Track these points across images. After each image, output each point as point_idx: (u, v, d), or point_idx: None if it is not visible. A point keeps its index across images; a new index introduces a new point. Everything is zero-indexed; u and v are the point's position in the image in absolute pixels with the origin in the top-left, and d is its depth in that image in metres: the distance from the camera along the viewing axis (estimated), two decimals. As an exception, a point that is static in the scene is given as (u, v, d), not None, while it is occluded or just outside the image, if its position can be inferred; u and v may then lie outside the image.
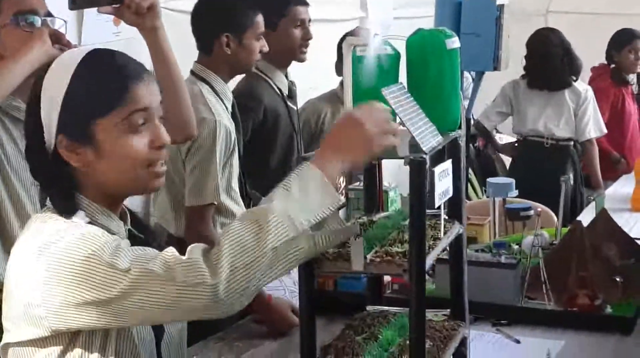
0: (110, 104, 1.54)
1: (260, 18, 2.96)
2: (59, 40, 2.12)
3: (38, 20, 2.19)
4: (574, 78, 5.13)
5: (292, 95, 3.50)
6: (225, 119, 2.80)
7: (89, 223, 1.55)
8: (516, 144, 5.42)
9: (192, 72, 2.92)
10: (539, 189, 4.36)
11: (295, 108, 3.49)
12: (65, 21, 2.22)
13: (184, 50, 2.97)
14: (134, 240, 1.65)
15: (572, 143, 5.20)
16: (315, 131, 3.69)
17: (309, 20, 3.48)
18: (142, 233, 1.70)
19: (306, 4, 3.49)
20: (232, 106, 2.97)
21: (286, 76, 3.49)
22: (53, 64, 1.59)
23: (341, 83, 3.78)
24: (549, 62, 5.07)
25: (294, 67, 3.62)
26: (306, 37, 3.44)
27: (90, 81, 1.55)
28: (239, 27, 2.91)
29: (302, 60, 3.48)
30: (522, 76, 5.24)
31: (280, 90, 3.43)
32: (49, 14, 2.22)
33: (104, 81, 1.55)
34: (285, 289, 2.71)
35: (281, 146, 3.34)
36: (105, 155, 1.55)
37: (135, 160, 1.56)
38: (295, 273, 2.73)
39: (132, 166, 1.56)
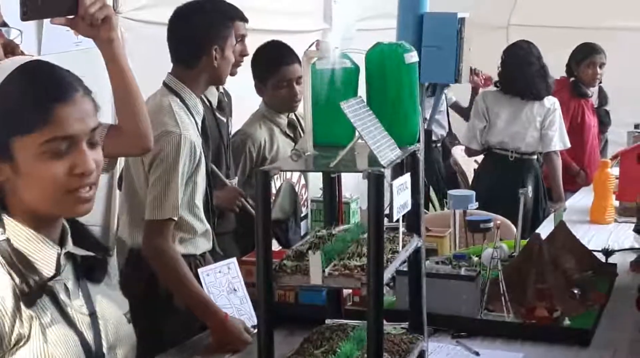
0: (31, 124, 1.46)
1: (233, 28, 2.94)
2: (13, 52, 2.09)
3: None
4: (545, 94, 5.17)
5: (221, 107, 3.45)
6: (191, 134, 2.76)
7: (6, 244, 1.47)
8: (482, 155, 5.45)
9: (165, 85, 2.87)
10: (502, 202, 4.39)
11: (224, 120, 3.43)
12: (20, 31, 2.19)
13: (143, 60, 2.95)
14: (75, 260, 1.58)
15: (535, 156, 5.25)
16: (257, 160, 3.63)
17: (245, 37, 3.45)
18: (85, 247, 1.61)
19: (245, 20, 3.45)
20: (202, 121, 2.93)
21: (217, 88, 3.42)
22: None
23: (264, 101, 3.72)
24: (527, 71, 5.12)
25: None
26: (243, 53, 3.41)
27: (15, 96, 1.47)
28: (224, 37, 2.88)
29: (233, 74, 3.44)
30: (494, 83, 5.28)
31: (209, 102, 3.38)
32: (4, 24, 2.19)
33: (28, 98, 1.47)
34: (233, 307, 2.70)
35: (211, 159, 3.30)
36: (23, 175, 1.48)
37: (52, 185, 1.48)
38: (241, 290, 2.75)
39: (50, 191, 1.49)
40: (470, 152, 5.49)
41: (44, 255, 1.52)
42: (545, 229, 3.63)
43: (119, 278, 2.93)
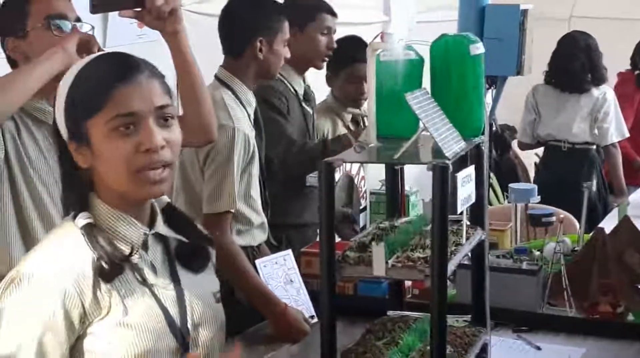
0: (96, 106, 1.53)
1: (287, 24, 2.96)
2: (90, 49, 2.12)
3: (67, 25, 2.21)
4: (593, 86, 5.10)
5: (308, 98, 3.48)
6: (245, 126, 2.78)
7: (90, 225, 1.55)
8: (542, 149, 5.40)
9: (217, 77, 2.91)
10: (561, 194, 4.33)
11: (310, 111, 3.47)
12: (92, 26, 2.23)
13: (205, 53, 2.97)
14: (165, 244, 1.64)
15: (593, 147, 5.15)
16: None
17: (334, 31, 3.50)
18: (185, 235, 1.67)
19: (334, 14, 3.50)
20: (255, 113, 2.96)
21: (303, 80, 3.48)
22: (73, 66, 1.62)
23: (332, 93, 3.76)
24: (569, 63, 5.07)
25: (312, 71, 3.62)
26: (330, 45, 3.46)
27: (84, 83, 1.56)
28: (272, 32, 2.90)
29: (319, 67, 3.48)
30: (544, 72, 5.23)
31: (295, 91, 3.42)
32: (78, 19, 2.24)
33: (92, 82, 1.55)
34: (290, 298, 2.72)
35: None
36: (99, 156, 1.55)
37: (121, 164, 1.53)
38: (297, 281, 2.77)
39: (121, 170, 1.54)
40: (522, 145, 5.46)
41: (130, 234, 1.58)
42: (608, 223, 3.57)
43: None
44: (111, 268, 1.52)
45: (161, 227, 1.64)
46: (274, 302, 2.63)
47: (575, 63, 5.05)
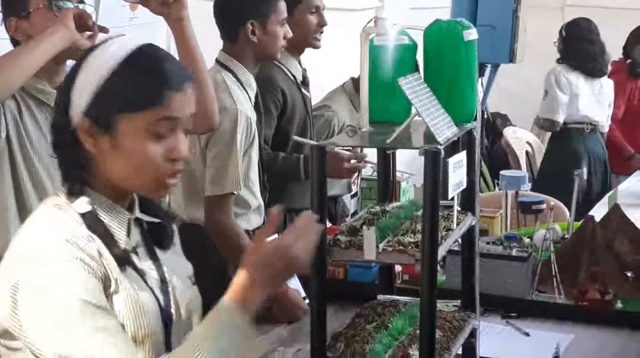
0: (143, 103, 1.51)
1: (282, 4, 2.97)
2: (85, 24, 2.13)
3: (69, 6, 2.21)
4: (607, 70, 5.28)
5: (306, 82, 3.49)
6: (247, 109, 2.79)
7: (91, 213, 1.53)
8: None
9: (217, 61, 2.92)
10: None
11: (309, 95, 3.48)
12: (95, 7, 2.24)
13: (206, 39, 2.97)
14: (142, 227, 1.63)
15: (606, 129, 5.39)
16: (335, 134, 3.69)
17: (323, 8, 3.49)
18: (155, 216, 1.65)
19: None
20: (256, 97, 2.96)
21: (299, 63, 3.48)
22: (106, 45, 1.56)
23: (351, 78, 3.77)
24: (591, 49, 5.21)
25: (312, 56, 3.61)
26: (321, 23, 3.45)
27: (133, 75, 1.52)
28: (263, 14, 2.91)
29: (316, 47, 3.47)
30: (557, 60, 5.29)
31: (294, 77, 3.42)
32: (81, 1, 2.25)
33: (145, 79, 1.52)
34: None
35: (296, 133, 3.35)
36: (120, 150, 1.52)
37: (147, 165, 1.52)
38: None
39: (141, 171, 1.53)
40: (553, 125, 5.37)
41: (118, 222, 1.57)
42: (598, 211, 3.59)
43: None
44: (118, 262, 1.52)
45: (138, 212, 1.63)
46: None
47: (596, 48, 5.21)
